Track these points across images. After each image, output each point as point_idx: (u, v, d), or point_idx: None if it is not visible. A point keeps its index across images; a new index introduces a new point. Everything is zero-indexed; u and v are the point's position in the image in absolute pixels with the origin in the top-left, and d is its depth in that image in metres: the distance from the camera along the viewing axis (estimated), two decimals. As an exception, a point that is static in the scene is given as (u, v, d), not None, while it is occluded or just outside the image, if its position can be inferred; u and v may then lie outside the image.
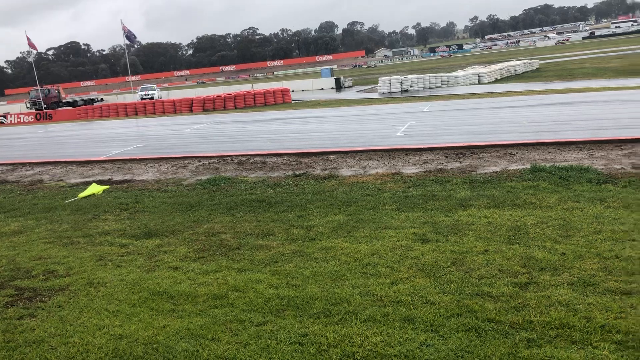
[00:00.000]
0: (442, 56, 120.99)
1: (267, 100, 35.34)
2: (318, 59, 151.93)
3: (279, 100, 35.69)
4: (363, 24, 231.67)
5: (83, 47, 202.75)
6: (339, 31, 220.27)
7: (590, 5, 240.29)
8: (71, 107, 47.46)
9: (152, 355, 4.28)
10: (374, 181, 9.69)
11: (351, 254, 6.12)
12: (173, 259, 6.49)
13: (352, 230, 6.99)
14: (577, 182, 8.35)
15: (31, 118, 41.55)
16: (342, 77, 49.02)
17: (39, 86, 50.05)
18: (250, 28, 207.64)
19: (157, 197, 10.06)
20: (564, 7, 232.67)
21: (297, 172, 11.08)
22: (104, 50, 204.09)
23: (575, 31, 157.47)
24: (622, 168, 9.05)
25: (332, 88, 46.91)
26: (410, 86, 34.73)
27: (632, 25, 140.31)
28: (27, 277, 6.25)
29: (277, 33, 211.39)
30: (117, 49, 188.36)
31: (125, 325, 4.82)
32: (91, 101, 53.65)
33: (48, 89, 52.98)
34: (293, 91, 42.39)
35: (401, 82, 34.65)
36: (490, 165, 10.15)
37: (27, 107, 51.07)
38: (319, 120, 21.72)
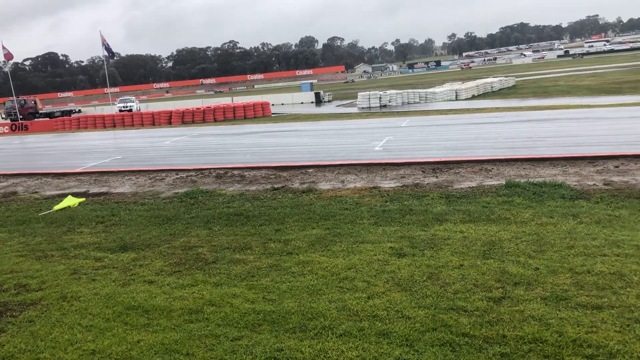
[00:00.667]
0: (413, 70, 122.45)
1: (247, 113, 35.33)
2: (298, 73, 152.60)
3: (259, 113, 35.71)
4: (343, 39, 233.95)
5: (61, 57, 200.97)
6: (319, 46, 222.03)
7: (565, 25, 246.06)
8: (48, 118, 46.89)
9: (125, 371, 4.22)
10: (352, 195, 9.73)
11: (328, 268, 6.12)
12: (148, 273, 6.43)
13: (330, 244, 7.00)
14: (551, 197, 8.49)
15: (6, 129, 40.91)
16: (322, 92, 49.30)
17: (14, 97, 49.33)
18: (230, 41, 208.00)
19: (134, 210, 9.97)
20: (540, 25, 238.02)
21: (275, 186, 11.08)
22: (82, 62, 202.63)
23: (551, 49, 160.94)
24: (594, 184, 9.23)
25: (312, 102, 47.11)
26: (389, 101, 35.04)
27: (605, 44, 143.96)
28: (-2, 291, 6.13)
29: (258, 47, 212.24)
30: (96, 61, 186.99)
31: (98, 340, 4.75)
32: (69, 112, 53.06)
33: (24, 100, 52.30)
34: (273, 105, 42.45)
35: (380, 98, 34.95)
36: (466, 180, 10.27)
37: (2, 118, 50.27)
38: (298, 134, 21.78)
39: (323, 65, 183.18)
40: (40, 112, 52.38)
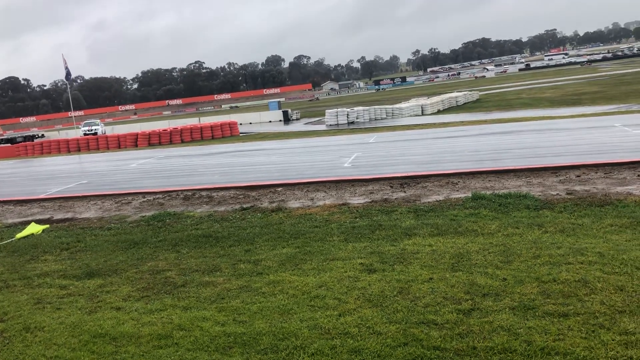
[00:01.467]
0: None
1: (214, 133, 35.19)
2: (265, 92, 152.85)
3: (227, 133, 35.61)
4: (309, 57, 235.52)
5: (23, 82, 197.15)
6: (285, 64, 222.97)
7: (524, 39, 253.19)
8: (9, 144, 45.80)
9: (92, 402, 4.11)
10: (322, 212, 9.74)
11: (299, 287, 6.09)
12: (116, 299, 6.30)
13: (300, 262, 6.98)
14: (516, 208, 8.65)
15: (-34, 156, 39.81)
16: (289, 110, 49.49)
17: (-26, 123, 48.13)
18: (196, 62, 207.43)
19: (100, 235, 9.78)
20: (501, 40, 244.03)
21: (244, 206, 11.02)
22: (45, 85, 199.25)
23: (512, 63, 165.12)
24: (557, 194, 9.44)
25: (280, 120, 47.22)
26: (357, 118, 35.36)
27: (564, 57, 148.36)
28: (-43, 325, 5.91)
29: (224, 67, 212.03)
30: (60, 84, 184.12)
31: (63, 371, 4.62)
32: (31, 137, 51.96)
33: (-16, 126, 51.05)
34: (241, 124, 42.39)
35: (347, 114, 35.25)
36: (434, 194, 10.39)
37: (-38, 145, 48.94)
38: (267, 152, 21.75)
39: (290, 83, 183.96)
40: (1, 138, 51.16)
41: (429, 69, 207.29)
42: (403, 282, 5.93)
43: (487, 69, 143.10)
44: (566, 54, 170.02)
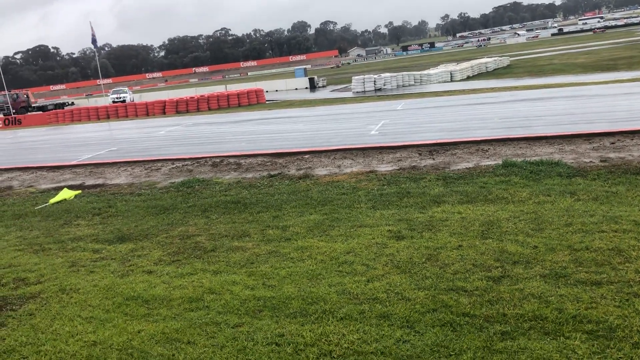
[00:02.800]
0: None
1: (241, 101, 35.17)
2: (291, 59, 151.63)
3: (253, 101, 35.55)
4: (336, 23, 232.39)
5: (52, 50, 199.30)
6: (311, 31, 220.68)
7: (558, 3, 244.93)
8: (41, 112, 46.57)
9: (127, 361, 4.22)
10: (349, 180, 9.71)
11: (327, 252, 6.12)
12: (147, 263, 6.42)
13: (328, 229, 6.99)
14: (548, 176, 8.49)
15: (-1, 124, 40.67)
16: (315, 77, 49.08)
17: (6, 91, 48.97)
18: (222, 29, 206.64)
19: (130, 201, 9.94)
20: (533, 4, 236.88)
21: (272, 173, 11.05)
22: (74, 54, 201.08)
23: (545, 28, 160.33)
24: (591, 161, 9.23)
25: (306, 88, 46.93)
26: (384, 85, 34.92)
27: (599, 21, 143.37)
28: (-4, 286, 6.11)
29: (250, 34, 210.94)
30: (88, 52, 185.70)
31: (99, 331, 4.75)
32: (61, 105, 52.73)
33: (16, 94, 51.91)
34: (267, 91, 42.28)
35: (374, 81, 34.83)
36: (463, 161, 10.25)
37: (-5, 113, 50.00)
38: (293, 120, 21.70)
39: (316, 50, 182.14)
40: (33, 105, 52.03)
41: (458, 34, 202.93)
42: (432, 249, 5.91)
43: (518, 34, 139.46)
44: (601, 18, 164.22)
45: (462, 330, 4.16)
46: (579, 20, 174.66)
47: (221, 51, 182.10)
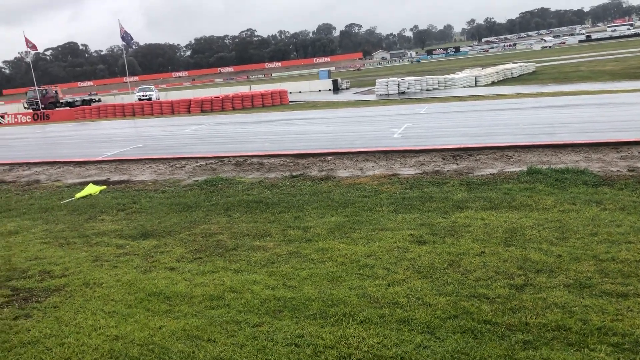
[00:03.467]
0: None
1: (264, 101, 35.33)
2: (316, 60, 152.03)
3: (277, 101, 35.68)
4: (361, 26, 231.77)
5: (81, 47, 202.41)
6: (336, 33, 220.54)
7: (587, 9, 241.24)
8: (69, 108, 47.40)
9: (148, 356, 4.27)
10: (371, 182, 9.69)
11: (348, 255, 6.11)
12: (169, 260, 6.48)
13: (349, 231, 6.99)
14: (574, 184, 8.37)
15: (28, 118, 41.45)
16: (339, 79, 49.08)
17: (36, 86, 49.93)
18: (248, 29, 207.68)
19: (154, 197, 10.05)
20: (561, 10, 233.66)
21: (294, 173, 11.08)
22: (102, 51, 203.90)
23: (572, 34, 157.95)
24: (618, 170, 9.07)
25: (330, 90, 46.94)
26: (408, 88, 34.77)
27: (629, 28, 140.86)
28: (22, 278, 6.23)
29: (275, 35, 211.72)
30: (115, 50, 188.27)
31: (121, 326, 4.81)
32: (89, 101, 53.59)
33: (46, 89, 52.91)
34: (291, 93, 42.39)
35: (398, 84, 34.69)
36: (487, 167, 10.16)
37: (25, 108, 50.98)
38: (316, 121, 21.73)
39: (341, 52, 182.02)
40: (61, 101, 52.93)
41: (483, 39, 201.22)
42: (454, 254, 5.86)
43: (545, 40, 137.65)
44: (632, 25, 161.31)
45: (484, 338, 4.12)
46: (608, 27, 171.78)
47: (246, 52, 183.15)
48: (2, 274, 6.40)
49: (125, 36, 42.72)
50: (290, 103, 35.69)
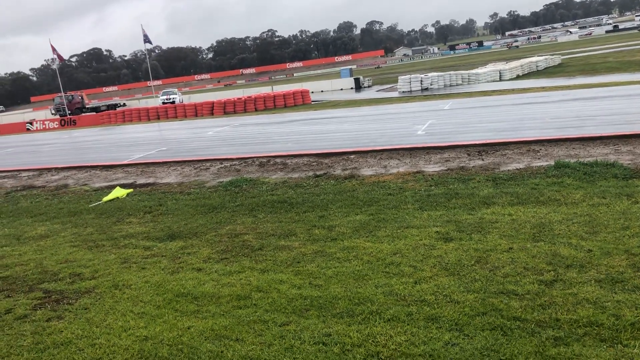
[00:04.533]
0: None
1: (286, 102, 35.43)
2: (337, 59, 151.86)
3: (299, 101, 35.74)
4: (382, 23, 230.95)
5: (105, 53, 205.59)
6: (357, 31, 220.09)
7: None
8: (94, 113, 48.13)
9: (177, 356, 4.31)
10: (395, 180, 9.64)
11: (373, 253, 6.09)
12: (196, 261, 6.54)
13: (374, 229, 6.96)
14: (603, 177, 8.21)
15: (56, 124, 42.26)
16: (361, 77, 48.91)
17: (63, 93, 50.86)
18: (269, 30, 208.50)
19: (180, 199, 10.15)
20: (586, 0, 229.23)
21: (317, 173, 11.08)
22: (125, 56, 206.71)
23: (599, 25, 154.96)
24: (649, 163, 8.86)
25: (352, 88, 46.83)
26: (431, 84, 34.50)
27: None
28: (54, 280, 6.35)
29: (296, 34, 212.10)
30: (139, 54, 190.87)
31: (150, 326, 4.87)
32: (114, 106, 54.37)
33: (72, 95, 53.82)
34: (312, 92, 42.43)
35: (421, 81, 34.45)
36: (514, 162, 10.02)
37: (52, 114, 51.95)
38: (338, 120, 21.70)
39: (362, 50, 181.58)
40: (87, 106, 53.82)
41: (507, 33, 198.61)
42: (481, 251, 5.80)
43: (570, 32, 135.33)
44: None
45: (513, 335, 4.07)
46: (636, 16, 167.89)
47: (268, 52, 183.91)
48: (34, 277, 6.53)
49: (146, 38, 43.31)
50: (312, 103, 35.72)
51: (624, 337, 3.87)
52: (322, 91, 48.28)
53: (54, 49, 44.09)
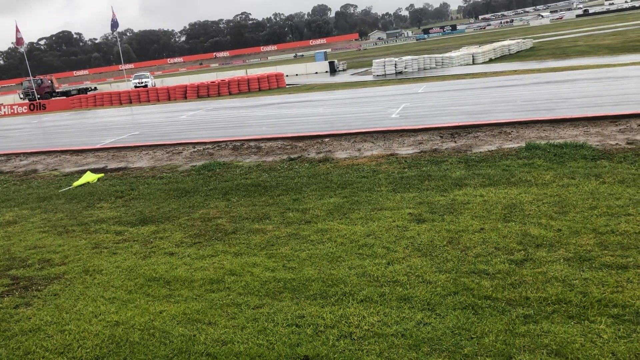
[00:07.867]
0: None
1: (261, 85, 35.14)
2: (312, 42, 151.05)
3: (274, 85, 35.49)
4: (356, 6, 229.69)
5: (75, 36, 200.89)
6: (332, 14, 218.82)
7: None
8: (65, 97, 47.09)
9: (148, 341, 4.27)
10: (369, 163, 9.65)
11: (347, 235, 6.10)
12: (169, 245, 6.47)
13: (348, 212, 6.97)
14: (572, 158, 8.34)
15: (25, 109, 41.24)
16: (336, 61, 48.77)
17: (31, 77, 49.62)
18: (242, 13, 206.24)
19: (152, 183, 10.02)
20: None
21: (292, 156, 11.04)
22: (96, 39, 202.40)
23: (569, 9, 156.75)
24: (617, 144, 9.03)
25: (327, 72, 46.68)
26: (405, 68, 34.56)
27: (627, 1, 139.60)
28: (22, 267, 6.23)
29: (270, 17, 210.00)
30: (110, 38, 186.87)
31: (121, 311, 4.81)
32: (85, 90, 53.26)
33: (41, 79, 52.53)
34: (287, 76, 42.16)
35: (395, 64, 34.48)
36: (485, 144, 10.12)
37: (21, 98, 50.65)
38: (313, 104, 21.62)
39: (337, 33, 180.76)
40: (56, 91, 52.63)
41: (480, 17, 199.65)
42: (453, 232, 5.85)
43: (542, 16, 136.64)
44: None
45: (484, 313, 4.12)
46: (606, 0, 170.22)
47: (241, 36, 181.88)
48: (2, 264, 6.39)
49: (113, 22, 42.31)
50: (287, 86, 35.50)
51: (590, 314, 3.95)
52: (297, 75, 48.04)
53: (18, 31, 42.81)
